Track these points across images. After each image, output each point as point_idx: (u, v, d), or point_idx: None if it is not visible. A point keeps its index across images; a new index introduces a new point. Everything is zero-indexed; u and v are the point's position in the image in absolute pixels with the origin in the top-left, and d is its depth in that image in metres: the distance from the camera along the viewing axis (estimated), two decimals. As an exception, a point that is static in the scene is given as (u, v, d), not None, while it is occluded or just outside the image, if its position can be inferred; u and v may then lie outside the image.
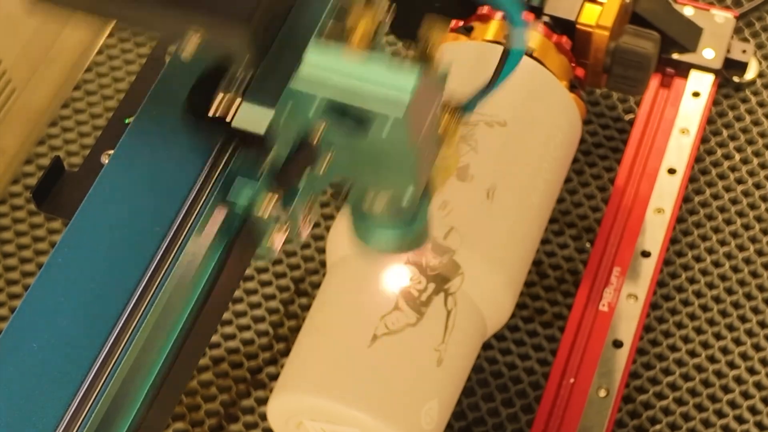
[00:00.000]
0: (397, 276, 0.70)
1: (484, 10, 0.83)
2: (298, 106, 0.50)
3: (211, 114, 0.51)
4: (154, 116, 0.54)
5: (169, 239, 0.50)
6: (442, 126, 0.54)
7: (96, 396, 0.47)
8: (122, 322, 0.49)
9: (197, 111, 0.52)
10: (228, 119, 0.51)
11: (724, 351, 0.85)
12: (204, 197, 0.51)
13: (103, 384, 0.47)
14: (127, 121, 0.57)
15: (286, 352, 0.86)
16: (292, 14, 0.52)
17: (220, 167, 0.52)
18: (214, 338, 0.86)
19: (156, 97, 0.55)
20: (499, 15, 0.82)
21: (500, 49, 0.79)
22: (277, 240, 0.53)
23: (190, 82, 0.53)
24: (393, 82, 0.49)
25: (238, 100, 0.51)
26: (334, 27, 0.53)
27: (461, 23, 0.84)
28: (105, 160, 0.59)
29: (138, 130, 0.54)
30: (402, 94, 0.49)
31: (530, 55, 0.79)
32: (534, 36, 0.81)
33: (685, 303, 0.88)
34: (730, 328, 0.86)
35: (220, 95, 0.51)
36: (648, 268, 0.86)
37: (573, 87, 0.83)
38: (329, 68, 0.50)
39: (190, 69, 0.53)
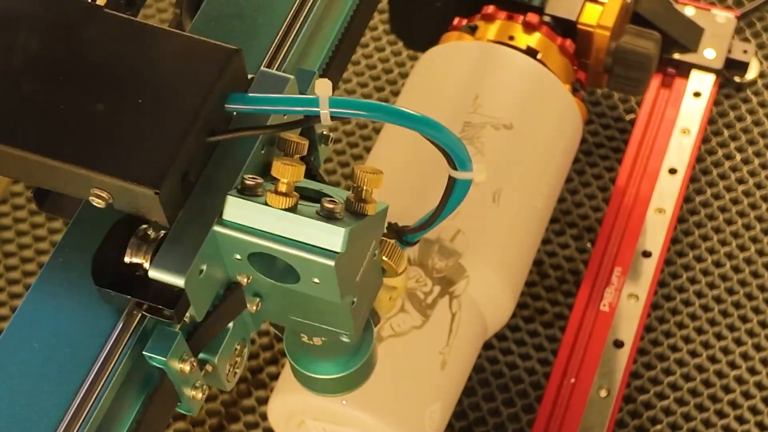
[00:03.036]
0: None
1: (489, 9, 0.82)
2: (220, 257, 0.46)
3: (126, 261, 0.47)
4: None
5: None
6: (386, 255, 0.50)
7: (97, 394, 0.47)
8: (123, 321, 0.49)
9: (108, 264, 0.48)
10: (146, 266, 0.47)
11: (725, 351, 0.85)
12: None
13: (104, 382, 0.47)
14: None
15: (287, 352, 0.86)
16: (213, 159, 0.47)
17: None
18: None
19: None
20: (503, 15, 0.82)
21: (504, 50, 0.80)
22: (200, 393, 0.50)
23: (102, 233, 0.49)
24: (323, 233, 0.45)
25: (146, 265, 0.47)
26: (260, 170, 0.48)
27: (464, 21, 0.84)
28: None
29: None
30: (333, 242, 0.44)
31: (535, 58, 0.79)
32: (538, 38, 0.81)
33: (686, 303, 0.88)
34: (731, 328, 0.86)
35: (128, 256, 0.47)
36: (649, 268, 0.86)
37: (575, 90, 0.83)
38: (253, 219, 0.45)
39: (103, 217, 0.49)
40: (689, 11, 0.96)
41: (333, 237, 0.44)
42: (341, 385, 0.53)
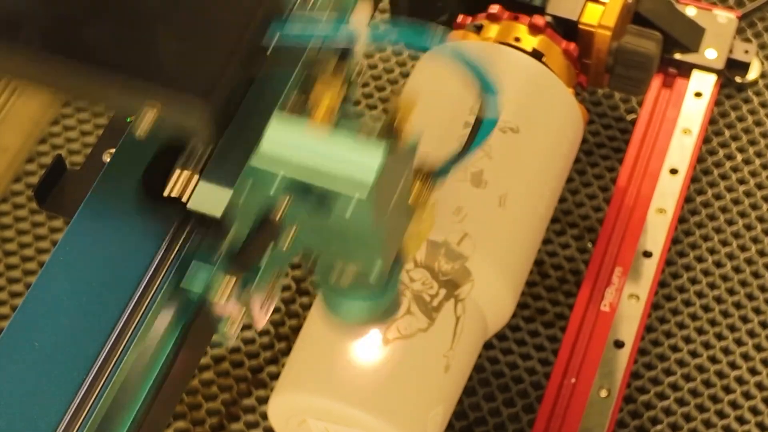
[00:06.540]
0: (405, 279, 0.70)
1: (495, 9, 0.82)
2: (259, 184, 0.47)
3: (166, 194, 0.49)
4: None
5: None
6: (413, 195, 0.51)
7: (98, 394, 0.47)
8: (124, 319, 0.49)
9: (153, 190, 0.50)
10: (184, 199, 0.48)
11: (726, 351, 0.85)
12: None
13: (104, 382, 0.47)
14: (129, 119, 0.57)
15: (287, 351, 0.86)
16: (254, 86, 0.49)
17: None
18: (215, 337, 0.86)
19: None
20: (507, 15, 0.82)
21: (511, 52, 0.80)
22: (234, 326, 0.50)
23: (147, 158, 0.50)
24: (357, 162, 0.45)
25: (195, 177, 0.48)
26: (298, 99, 0.49)
27: (469, 20, 0.83)
28: (107, 158, 0.59)
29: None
30: (366, 174, 0.45)
31: (540, 60, 0.79)
32: (543, 40, 0.81)
33: (687, 303, 0.88)
34: (732, 328, 0.86)
35: (177, 172, 0.49)
36: (650, 268, 0.86)
37: (576, 94, 0.83)
38: (291, 145, 0.46)
39: (147, 143, 0.50)
40: (690, 11, 0.96)
41: (369, 160, 0.45)
42: (373, 317, 0.55)
